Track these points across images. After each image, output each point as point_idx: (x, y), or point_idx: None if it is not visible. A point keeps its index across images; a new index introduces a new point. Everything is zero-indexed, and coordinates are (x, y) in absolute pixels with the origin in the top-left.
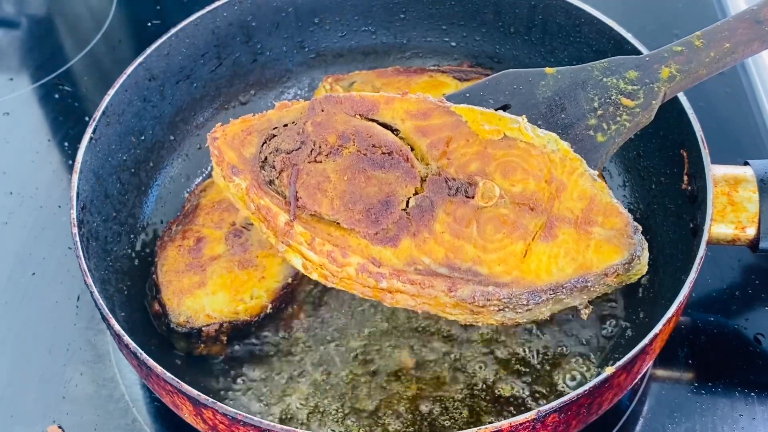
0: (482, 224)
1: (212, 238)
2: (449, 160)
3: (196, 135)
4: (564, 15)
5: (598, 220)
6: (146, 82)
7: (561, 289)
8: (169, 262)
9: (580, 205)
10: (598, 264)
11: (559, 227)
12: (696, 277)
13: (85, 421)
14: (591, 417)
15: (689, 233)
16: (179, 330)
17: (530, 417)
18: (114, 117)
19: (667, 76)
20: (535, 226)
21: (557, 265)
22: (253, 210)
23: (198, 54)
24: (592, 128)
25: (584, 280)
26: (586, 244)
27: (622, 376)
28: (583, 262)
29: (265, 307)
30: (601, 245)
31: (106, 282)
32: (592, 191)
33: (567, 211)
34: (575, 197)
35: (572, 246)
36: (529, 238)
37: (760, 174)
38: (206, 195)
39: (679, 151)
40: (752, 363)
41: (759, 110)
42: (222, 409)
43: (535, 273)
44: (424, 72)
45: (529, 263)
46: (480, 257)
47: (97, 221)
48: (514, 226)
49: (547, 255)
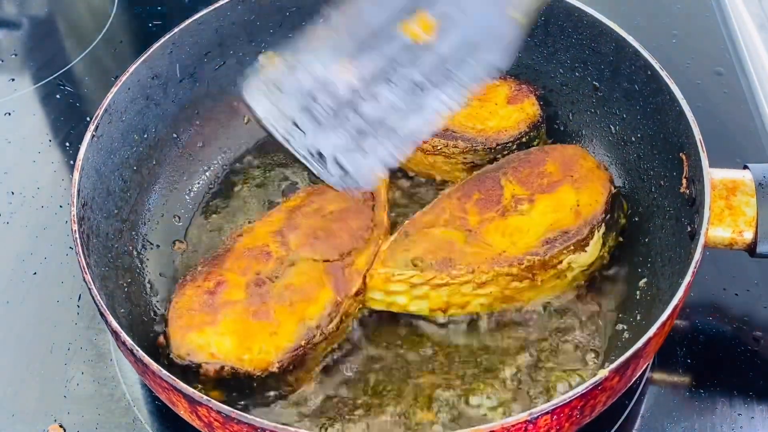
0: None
1: (233, 284)
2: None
3: (200, 133)
4: (566, 16)
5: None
6: (149, 80)
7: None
8: (184, 300)
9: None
10: None
11: None
12: (692, 280)
13: (86, 421)
14: (584, 419)
15: (687, 237)
16: (178, 362)
17: (522, 419)
18: (116, 114)
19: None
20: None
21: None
22: None
23: (202, 52)
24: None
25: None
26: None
27: (615, 379)
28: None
29: (271, 364)
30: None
31: (106, 278)
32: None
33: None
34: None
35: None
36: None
37: (759, 178)
38: (241, 240)
39: (679, 155)
40: (751, 363)
41: (758, 112)
42: (216, 407)
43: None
44: None
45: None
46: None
47: (98, 218)
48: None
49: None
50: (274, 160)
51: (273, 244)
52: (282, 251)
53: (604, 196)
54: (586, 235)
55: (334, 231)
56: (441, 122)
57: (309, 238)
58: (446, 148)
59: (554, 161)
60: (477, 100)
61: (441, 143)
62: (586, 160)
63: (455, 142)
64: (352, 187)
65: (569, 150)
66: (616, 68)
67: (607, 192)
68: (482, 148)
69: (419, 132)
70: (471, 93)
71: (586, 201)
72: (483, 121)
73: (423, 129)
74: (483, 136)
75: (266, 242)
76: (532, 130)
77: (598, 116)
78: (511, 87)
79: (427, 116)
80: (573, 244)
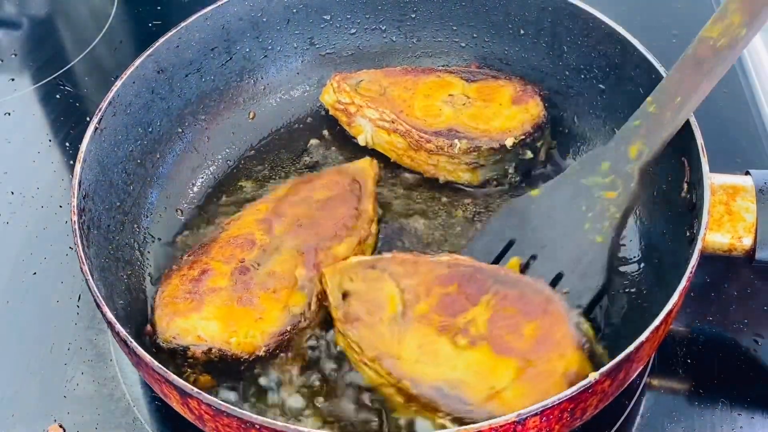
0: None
1: (218, 272)
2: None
3: (205, 128)
4: (572, 18)
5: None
6: (155, 74)
7: None
8: (170, 289)
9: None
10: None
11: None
12: (687, 285)
13: (86, 421)
14: (575, 422)
15: (687, 242)
16: (165, 346)
17: (510, 419)
18: (121, 108)
19: (635, 154)
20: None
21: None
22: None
23: (208, 48)
24: (589, 232)
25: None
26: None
27: (606, 382)
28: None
29: (257, 348)
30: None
31: (105, 270)
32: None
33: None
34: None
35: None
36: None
37: (760, 184)
38: (228, 229)
39: (680, 159)
40: (751, 363)
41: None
42: (206, 400)
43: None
44: (432, 71)
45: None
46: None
47: (99, 210)
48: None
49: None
50: (278, 156)
51: (258, 232)
52: (266, 239)
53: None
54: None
55: (318, 219)
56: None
57: (293, 226)
58: (450, 148)
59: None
60: (481, 100)
61: (445, 143)
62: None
63: (459, 141)
64: None
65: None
66: (622, 71)
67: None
68: (486, 148)
69: None
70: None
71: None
72: (487, 121)
73: None
74: (487, 136)
75: (252, 230)
76: (537, 130)
77: (603, 119)
78: (516, 87)
79: None
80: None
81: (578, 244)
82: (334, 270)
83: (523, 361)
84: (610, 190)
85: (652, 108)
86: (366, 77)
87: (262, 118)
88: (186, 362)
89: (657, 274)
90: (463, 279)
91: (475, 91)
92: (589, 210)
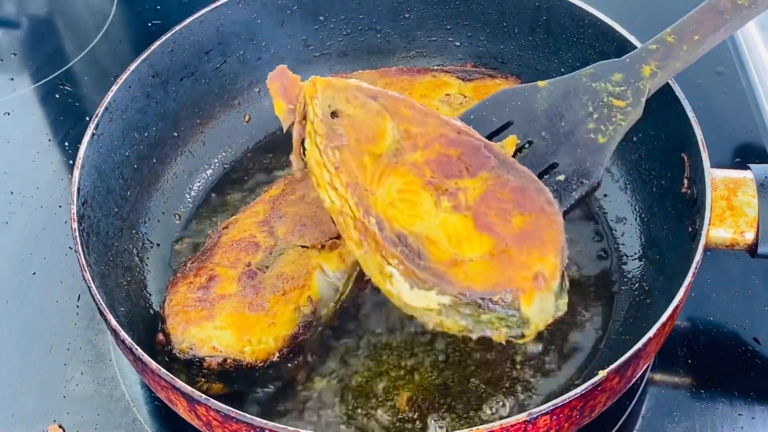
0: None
1: (225, 278)
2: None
3: (200, 131)
4: (568, 16)
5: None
6: (150, 79)
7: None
8: (178, 297)
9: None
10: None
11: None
12: (692, 281)
13: (86, 421)
14: (584, 420)
15: (689, 237)
16: (181, 357)
17: (521, 419)
18: (117, 113)
19: (648, 73)
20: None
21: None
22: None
23: (202, 51)
24: (592, 131)
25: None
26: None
27: (614, 379)
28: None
29: (272, 354)
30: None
31: (106, 277)
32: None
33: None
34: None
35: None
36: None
37: (760, 178)
38: (227, 233)
39: (680, 155)
40: (751, 363)
41: (759, 111)
42: (215, 406)
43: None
44: (427, 72)
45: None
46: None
47: (98, 216)
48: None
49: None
50: (275, 159)
51: (260, 234)
52: (270, 241)
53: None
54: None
55: (321, 217)
56: None
57: (296, 226)
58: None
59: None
60: (478, 99)
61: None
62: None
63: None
64: None
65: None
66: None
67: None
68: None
69: None
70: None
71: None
72: None
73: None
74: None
75: (253, 233)
76: None
77: None
78: (512, 85)
79: None
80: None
81: (579, 138)
82: (328, 84)
83: (501, 244)
84: (620, 99)
85: (670, 38)
86: (361, 78)
87: (257, 121)
88: (201, 372)
89: (658, 270)
90: (469, 149)
91: (472, 90)
92: (595, 111)
